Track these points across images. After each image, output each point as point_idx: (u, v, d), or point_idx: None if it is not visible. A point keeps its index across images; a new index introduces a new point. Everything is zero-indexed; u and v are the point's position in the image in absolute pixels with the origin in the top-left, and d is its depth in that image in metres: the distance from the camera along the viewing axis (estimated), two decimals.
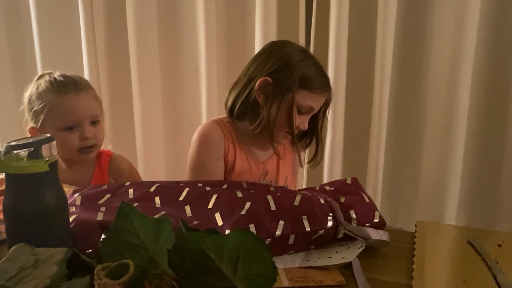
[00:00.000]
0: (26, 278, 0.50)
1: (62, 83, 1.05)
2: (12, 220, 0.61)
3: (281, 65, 1.02)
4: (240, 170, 1.08)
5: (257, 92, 1.03)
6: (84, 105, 1.05)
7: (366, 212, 0.75)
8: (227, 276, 0.46)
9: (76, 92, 1.04)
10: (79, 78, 1.10)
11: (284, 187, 0.88)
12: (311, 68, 1.03)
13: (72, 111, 1.03)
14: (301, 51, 1.06)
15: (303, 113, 1.05)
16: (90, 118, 1.06)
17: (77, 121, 1.04)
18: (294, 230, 0.69)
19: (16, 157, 0.59)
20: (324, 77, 1.05)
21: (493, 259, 0.68)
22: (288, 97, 1.01)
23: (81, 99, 1.05)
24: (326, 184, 0.85)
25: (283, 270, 0.65)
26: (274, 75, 1.02)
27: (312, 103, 1.03)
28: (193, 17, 1.68)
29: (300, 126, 1.05)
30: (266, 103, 1.02)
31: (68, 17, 1.84)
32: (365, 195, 0.79)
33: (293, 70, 1.00)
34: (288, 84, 1.00)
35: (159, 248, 0.54)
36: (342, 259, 0.67)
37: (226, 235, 0.48)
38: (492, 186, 1.48)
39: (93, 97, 1.09)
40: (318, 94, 1.03)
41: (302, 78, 1.01)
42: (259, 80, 1.02)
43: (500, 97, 1.42)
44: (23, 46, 1.97)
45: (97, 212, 0.70)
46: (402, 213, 1.62)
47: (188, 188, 0.77)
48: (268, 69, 1.03)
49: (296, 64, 1.01)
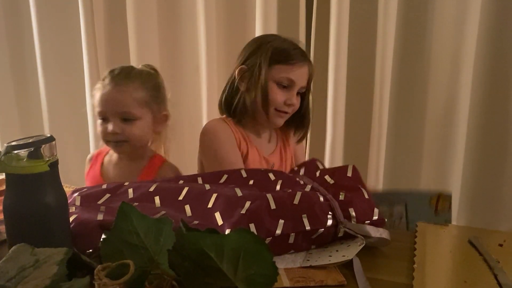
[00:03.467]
0: (26, 278, 0.50)
1: (114, 73, 1.07)
2: (12, 220, 0.61)
3: (253, 49, 1.06)
4: (252, 162, 1.07)
5: (238, 82, 1.06)
6: (113, 99, 1.04)
7: (365, 209, 0.75)
8: (227, 276, 0.46)
9: (112, 85, 1.05)
10: (130, 70, 1.08)
11: (284, 173, 0.86)
12: (282, 43, 1.05)
13: (101, 103, 1.05)
14: (273, 35, 1.09)
15: (286, 87, 1.05)
16: (119, 114, 1.04)
17: (105, 114, 1.05)
18: (294, 229, 0.69)
19: (16, 157, 0.59)
20: (297, 49, 1.06)
21: (494, 258, 0.67)
22: (263, 75, 1.03)
23: (113, 92, 1.04)
24: (327, 173, 0.83)
25: (284, 270, 0.65)
26: (248, 61, 1.06)
27: (289, 75, 1.04)
28: (193, 16, 1.68)
29: (287, 101, 1.05)
30: (248, 88, 1.05)
31: (68, 16, 1.84)
32: (365, 190, 0.78)
33: (263, 49, 1.04)
34: (259, 63, 1.03)
35: (160, 248, 0.54)
36: (343, 257, 0.67)
37: (227, 235, 0.48)
38: (493, 185, 1.48)
39: (130, 93, 1.04)
40: (293, 65, 1.04)
41: (273, 53, 1.03)
42: (237, 71, 1.07)
43: (502, 97, 1.42)
44: (23, 46, 1.97)
45: (97, 212, 0.70)
46: None
47: (188, 187, 0.77)
48: (242, 58, 1.07)
49: (266, 44, 1.05)
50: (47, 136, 0.62)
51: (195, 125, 1.76)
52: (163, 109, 1.12)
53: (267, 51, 1.03)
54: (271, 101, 1.04)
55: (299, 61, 1.05)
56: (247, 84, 1.06)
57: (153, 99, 1.09)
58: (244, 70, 1.06)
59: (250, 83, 1.05)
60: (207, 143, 1.08)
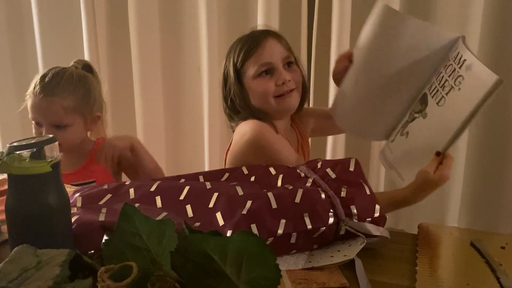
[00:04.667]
0: (28, 280, 0.50)
1: (44, 82, 1.11)
2: (15, 221, 0.61)
3: (224, 67, 1.07)
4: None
5: (235, 102, 1.05)
6: (43, 109, 1.10)
7: (367, 206, 0.74)
8: (230, 278, 0.46)
9: (41, 96, 1.09)
10: (60, 78, 1.12)
11: (285, 166, 0.85)
12: (238, 44, 1.04)
13: (33, 112, 1.12)
14: (233, 43, 1.08)
15: (268, 72, 1.01)
16: (51, 122, 1.11)
17: (37, 120, 1.12)
18: (296, 228, 0.69)
19: (18, 157, 0.59)
20: (251, 35, 1.04)
21: (496, 261, 0.67)
22: (244, 79, 1.02)
23: (43, 103, 1.10)
24: (329, 165, 0.81)
25: (286, 272, 0.65)
26: (226, 79, 1.06)
27: (259, 61, 1.01)
28: (195, 17, 1.68)
29: (278, 82, 1.01)
30: (243, 101, 1.03)
31: (70, 16, 1.84)
32: (367, 185, 0.78)
33: (231, 61, 1.04)
34: (232, 75, 1.03)
35: (162, 250, 0.54)
36: (344, 257, 0.67)
37: (230, 237, 0.48)
38: (494, 188, 1.48)
39: (60, 103, 1.09)
40: (256, 50, 1.01)
41: (236, 58, 1.02)
42: (226, 93, 1.06)
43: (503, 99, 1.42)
44: (25, 47, 1.97)
45: (99, 213, 0.70)
46: (404, 214, 1.61)
47: (189, 185, 0.76)
48: (222, 82, 1.08)
49: (230, 54, 1.05)
50: (49, 137, 0.62)
51: (196, 125, 1.76)
52: (95, 111, 1.18)
53: (232, 61, 1.03)
54: (264, 94, 1.01)
55: (259, 42, 1.01)
56: (239, 100, 1.04)
57: (84, 104, 1.14)
58: (229, 88, 1.05)
59: (241, 100, 1.03)
60: (260, 147, 0.97)
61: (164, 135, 1.82)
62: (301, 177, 0.80)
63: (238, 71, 1.03)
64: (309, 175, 0.80)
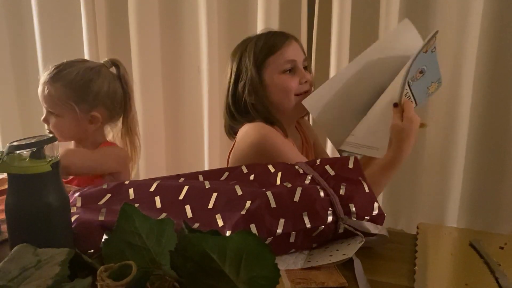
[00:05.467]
0: (28, 279, 0.50)
1: (50, 69, 1.15)
2: (14, 220, 0.61)
3: (238, 62, 1.05)
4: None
5: (246, 97, 1.03)
6: (40, 94, 1.14)
7: (365, 204, 0.74)
8: (229, 278, 0.46)
9: (41, 81, 1.14)
10: (63, 68, 1.13)
11: (283, 163, 0.85)
12: (258, 41, 1.04)
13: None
14: (246, 40, 1.07)
15: (291, 70, 1.03)
16: (46, 107, 1.14)
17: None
18: (295, 227, 0.69)
19: (18, 157, 0.59)
20: (275, 34, 1.05)
21: (495, 261, 0.68)
22: (265, 74, 1.02)
23: (40, 88, 1.14)
24: (328, 163, 0.81)
25: (285, 272, 0.65)
26: (241, 74, 1.04)
27: (285, 57, 1.02)
28: (195, 17, 1.68)
29: (301, 80, 1.03)
30: (259, 99, 1.03)
31: (70, 16, 1.84)
32: (366, 183, 0.78)
33: (249, 55, 1.03)
34: (251, 72, 1.02)
35: (161, 249, 0.54)
36: (343, 256, 0.67)
37: (229, 236, 0.48)
38: (493, 188, 1.48)
39: (52, 91, 1.11)
40: (281, 48, 1.02)
41: (257, 53, 1.02)
42: (239, 89, 1.04)
43: (503, 99, 1.42)
44: (25, 46, 1.97)
45: (98, 212, 0.70)
46: (403, 214, 1.61)
47: (188, 185, 0.76)
48: (231, 77, 1.06)
49: (245, 50, 1.04)
50: (49, 136, 0.62)
51: (196, 125, 1.77)
52: (92, 110, 1.13)
53: (250, 56, 1.02)
54: (288, 90, 1.03)
55: (284, 41, 1.03)
56: (254, 96, 1.03)
57: (78, 100, 1.11)
58: (243, 85, 1.04)
59: (257, 95, 1.03)
60: (265, 150, 0.98)
61: (164, 135, 1.82)
62: (299, 174, 0.80)
63: (258, 65, 1.02)
64: (308, 172, 0.80)
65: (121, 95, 1.18)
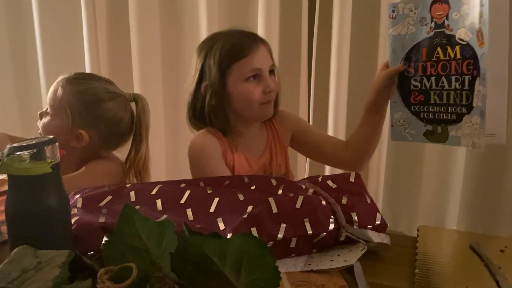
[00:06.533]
0: (28, 281, 0.49)
1: (79, 74, 1.11)
2: (14, 221, 0.61)
3: (202, 62, 1.00)
4: (238, 172, 1.04)
5: (208, 99, 1.00)
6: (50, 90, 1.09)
7: (367, 214, 0.75)
8: (230, 280, 0.46)
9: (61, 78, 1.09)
10: (80, 78, 1.09)
11: (285, 178, 0.86)
12: (226, 41, 0.99)
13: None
14: (215, 35, 1.03)
15: (255, 77, 0.99)
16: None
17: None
18: (296, 233, 0.69)
19: (19, 158, 0.59)
20: (244, 36, 1.00)
21: (495, 264, 0.67)
22: (228, 79, 0.98)
23: (53, 85, 1.09)
24: (329, 178, 0.83)
25: (285, 274, 0.65)
26: (204, 75, 1.00)
27: (251, 65, 0.98)
28: (195, 17, 1.68)
29: (266, 90, 0.99)
30: (219, 103, 1.00)
31: (70, 16, 1.84)
32: (367, 195, 0.79)
33: (212, 58, 0.98)
34: (215, 76, 0.98)
35: (162, 251, 0.53)
36: (344, 262, 0.67)
37: (229, 239, 0.48)
38: (493, 191, 1.48)
39: (59, 91, 1.06)
40: (248, 54, 0.97)
41: (223, 55, 0.97)
42: (202, 89, 1.01)
43: None
44: (25, 47, 1.97)
45: (99, 214, 0.70)
46: (404, 217, 1.61)
47: (190, 190, 0.77)
48: (195, 76, 1.02)
49: (212, 49, 0.99)
50: (49, 138, 0.62)
51: None
52: (84, 128, 1.05)
53: (215, 58, 0.98)
54: (251, 100, 0.99)
55: (252, 47, 0.98)
56: (215, 99, 1.00)
57: (76, 111, 1.05)
58: (206, 86, 1.00)
59: (219, 99, 0.99)
60: (193, 161, 1.03)
61: (164, 135, 1.82)
62: (302, 188, 0.81)
63: (223, 70, 0.98)
64: (310, 188, 0.81)
65: (127, 130, 1.11)
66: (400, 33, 0.87)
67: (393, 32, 0.88)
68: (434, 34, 0.83)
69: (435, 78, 0.83)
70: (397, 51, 0.88)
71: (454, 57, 0.80)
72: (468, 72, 0.78)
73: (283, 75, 1.64)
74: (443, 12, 0.82)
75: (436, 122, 0.85)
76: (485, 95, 0.75)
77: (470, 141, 0.78)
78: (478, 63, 0.76)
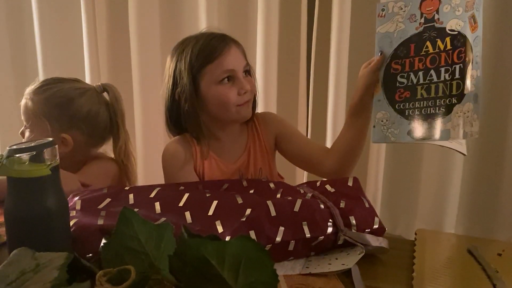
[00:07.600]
0: (26, 283, 0.50)
1: (39, 82, 1.10)
2: (13, 223, 0.61)
3: (174, 67, 0.98)
4: (210, 178, 1.01)
5: (182, 107, 0.98)
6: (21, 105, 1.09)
7: (366, 217, 0.76)
8: (228, 283, 0.46)
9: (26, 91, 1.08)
10: (42, 85, 1.07)
11: (284, 183, 0.86)
12: (195, 45, 0.96)
13: None
14: (184, 40, 1.01)
15: (229, 79, 0.96)
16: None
17: None
18: (294, 236, 0.70)
19: (18, 160, 0.59)
20: (213, 38, 0.97)
21: (493, 268, 0.68)
22: (201, 83, 0.96)
23: (22, 100, 1.08)
24: (328, 182, 0.83)
25: (283, 277, 0.65)
26: (177, 80, 0.97)
27: (223, 67, 0.95)
28: (195, 17, 1.68)
29: (241, 91, 0.96)
30: (193, 108, 0.97)
31: (70, 17, 1.85)
32: (366, 199, 0.79)
33: (184, 61, 0.96)
34: (187, 81, 0.95)
35: (160, 254, 0.54)
36: (342, 266, 0.67)
37: (228, 241, 0.48)
38: (491, 194, 1.49)
39: (28, 103, 1.06)
40: (220, 56, 0.95)
41: (193, 60, 0.95)
42: (176, 95, 0.98)
43: (501, 105, 1.43)
44: (25, 49, 1.97)
45: (97, 216, 0.70)
46: (402, 220, 1.62)
47: (188, 193, 0.77)
48: (168, 82, 0.99)
49: (182, 54, 0.97)
50: (48, 140, 0.63)
51: None
52: (65, 132, 1.05)
53: (186, 63, 0.95)
54: (227, 103, 0.96)
55: (223, 49, 0.95)
56: (189, 105, 0.97)
57: (51, 117, 1.04)
58: (179, 92, 0.98)
59: (192, 104, 0.96)
60: (163, 168, 1.02)
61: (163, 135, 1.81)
62: (300, 192, 0.81)
63: (194, 74, 0.96)
64: (308, 192, 0.81)
65: (106, 122, 1.10)
66: (388, 31, 0.87)
67: (381, 30, 0.88)
68: (423, 29, 0.83)
69: (423, 73, 0.83)
70: (384, 49, 0.88)
71: (444, 48, 0.80)
72: (459, 60, 0.79)
73: (283, 75, 1.65)
74: (433, 7, 0.82)
75: (423, 118, 0.84)
76: (479, 76, 0.76)
77: (460, 132, 0.78)
78: (471, 49, 0.77)
